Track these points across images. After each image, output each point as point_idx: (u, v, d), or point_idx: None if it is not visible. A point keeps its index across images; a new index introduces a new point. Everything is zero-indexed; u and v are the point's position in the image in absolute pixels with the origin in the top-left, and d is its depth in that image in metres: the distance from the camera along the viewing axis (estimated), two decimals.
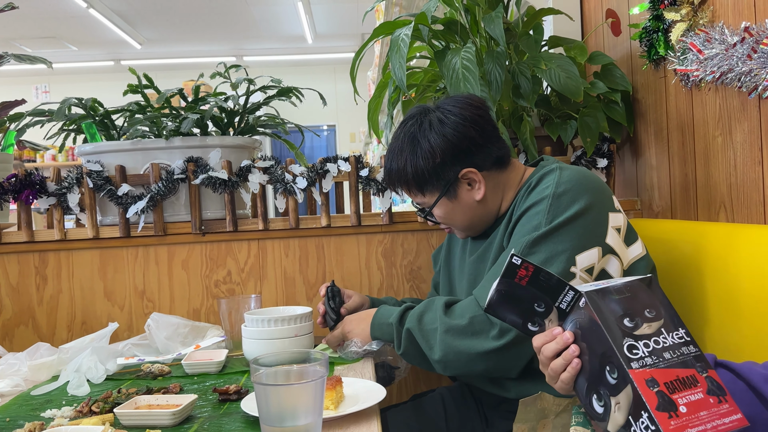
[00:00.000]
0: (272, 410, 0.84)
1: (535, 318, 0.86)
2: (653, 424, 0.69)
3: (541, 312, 0.85)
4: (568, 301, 0.83)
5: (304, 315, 1.35)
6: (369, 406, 1.03)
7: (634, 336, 0.76)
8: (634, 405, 0.72)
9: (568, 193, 1.16)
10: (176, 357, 1.41)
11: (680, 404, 0.71)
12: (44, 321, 1.75)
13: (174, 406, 1.03)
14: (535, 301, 0.85)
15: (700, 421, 0.70)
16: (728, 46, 1.22)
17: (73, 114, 1.75)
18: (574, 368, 0.82)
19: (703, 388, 0.72)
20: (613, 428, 0.75)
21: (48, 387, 1.26)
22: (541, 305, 0.85)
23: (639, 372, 0.73)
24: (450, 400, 1.41)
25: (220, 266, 1.77)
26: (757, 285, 1.10)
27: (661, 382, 0.72)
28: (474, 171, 1.24)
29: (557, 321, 0.84)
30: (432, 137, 1.23)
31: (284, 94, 1.85)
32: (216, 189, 1.70)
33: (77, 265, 1.75)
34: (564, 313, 0.84)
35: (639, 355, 0.74)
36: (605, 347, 0.76)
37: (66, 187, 1.70)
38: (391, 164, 1.29)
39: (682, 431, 0.69)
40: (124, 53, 8.68)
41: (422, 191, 1.28)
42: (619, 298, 0.79)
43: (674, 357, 0.75)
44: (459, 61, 1.45)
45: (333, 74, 9.26)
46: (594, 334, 0.78)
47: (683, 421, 0.69)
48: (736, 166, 1.32)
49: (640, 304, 0.79)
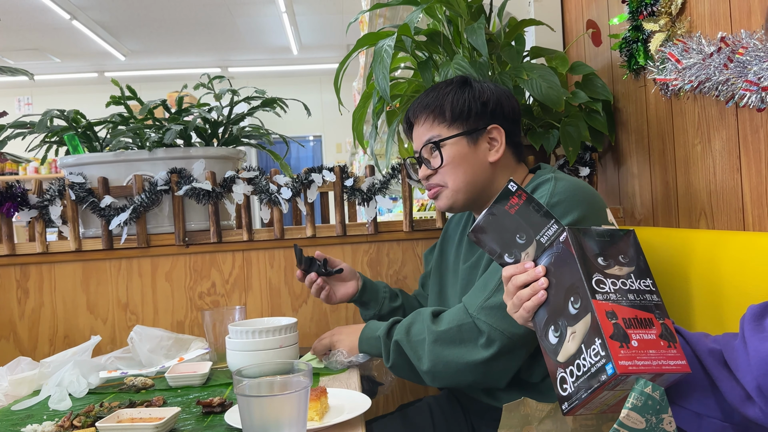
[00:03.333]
0: (255, 422, 0.83)
1: (513, 249, 0.89)
2: (604, 349, 0.74)
3: (521, 244, 0.89)
4: (549, 235, 0.86)
5: (288, 326, 1.34)
6: (354, 417, 1.02)
7: (604, 273, 0.80)
8: (589, 333, 0.76)
9: (562, 204, 1.16)
10: (160, 370, 1.40)
11: (633, 338, 0.75)
12: (26, 335, 1.72)
13: (157, 419, 1.02)
14: (518, 232, 0.88)
15: (648, 357, 0.74)
16: (705, 56, 1.24)
17: (55, 126, 1.74)
18: (539, 299, 0.86)
19: (657, 331, 0.77)
20: (563, 358, 0.80)
21: (29, 402, 1.24)
22: (523, 237, 0.88)
23: (601, 303, 0.77)
24: (437, 410, 1.41)
25: (204, 278, 1.76)
26: (741, 291, 1.11)
27: (619, 317, 0.76)
28: (501, 132, 1.27)
29: (533, 255, 0.88)
30: (486, 85, 1.30)
31: (268, 105, 1.85)
32: (200, 200, 1.69)
33: (59, 278, 1.73)
34: (542, 247, 0.87)
35: (605, 289, 0.78)
36: (575, 278, 0.80)
37: (48, 199, 1.68)
38: (430, 92, 1.31)
39: (629, 360, 0.73)
40: (108, 65, 8.64)
41: (450, 123, 1.27)
42: (598, 239, 0.83)
43: (637, 299, 0.79)
44: (452, 70, 1.46)
45: (319, 85, 9.28)
46: (567, 266, 0.82)
47: (632, 353, 0.74)
48: (715, 174, 1.34)
49: (617, 250, 0.83)
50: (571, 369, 0.79)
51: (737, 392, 0.77)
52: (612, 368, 0.72)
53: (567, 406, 0.79)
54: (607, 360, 0.73)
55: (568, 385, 0.79)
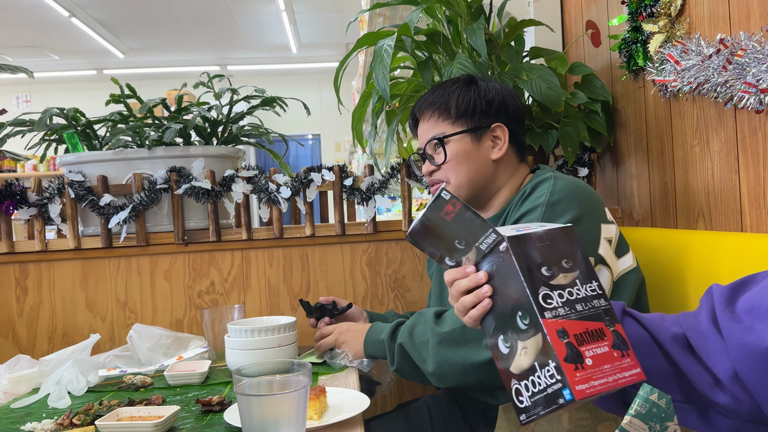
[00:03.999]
0: (255, 421, 0.83)
1: (453, 254, 0.87)
2: (559, 373, 0.71)
3: (460, 249, 0.86)
4: (489, 243, 0.83)
5: (287, 325, 1.34)
6: (353, 416, 1.02)
7: (549, 285, 0.77)
8: (542, 353, 0.73)
9: (562, 203, 1.17)
10: (159, 368, 1.40)
11: (587, 356, 0.72)
12: (24, 333, 1.73)
13: (156, 418, 1.02)
14: (457, 238, 0.86)
15: (603, 374, 0.72)
16: (704, 58, 1.25)
17: (54, 124, 1.74)
18: (484, 307, 0.83)
19: (609, 341, 0.75)
20: (516, 370, 0.77)
21: (28, 400, 1.24)
22: (462, 243, 0.86)
23: (552, 322, 0.74)
24: (435, 409, 1.41)
25: (203, 276, 1.76)
26: None
27: (571, 334, 0.74)
28: (505, 130, 1.29)
29: (474, 260, 0.85)
30: (491, 84, 1.31)
31: (268, 104, 1.85)
32: (199, 199, 1.69)
33: (58, 276, 1.73)
34: (482, 253, 0.84)
35: (553, 305, 0.75)
36: (520, 294, 0.77)
37: (47, 197, 1.68)
38: (436, 89, 1.32)
39: (586, 383, 0.70)
40: (106, 62, 8.63)
41: (454, 120, 1.28)
42: (539, 245, 0.80)
43: (585, 309, 0.76)
44: (456, 69, 1.47)
45: (318, 84, 9.27)
46: (510, 279, 0.78)
47: (588, 373, 0.71)
48: (713, 175, 1.35)
49: (559, 254, 0.80)
50: (525, 383, 0.76)
51: (706, 379, 0.77)
52: (569, 394, 0.70)
53: (525, 418, 0.77)
54: (563, 385, 0.71)
55: (524, 398, 0.76)
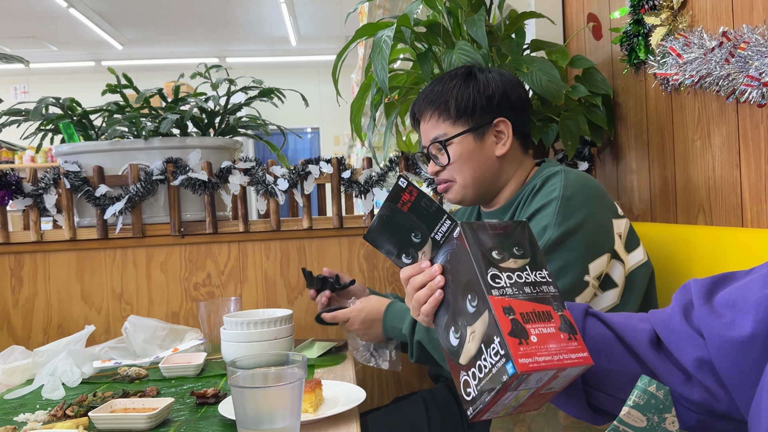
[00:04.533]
0: (249, 413, 0.83)
1: (410, 249, 0.87)
2: (503, 348, 0.71)
3: (416, 243, 0.86)
4: (443, 231, 0.83)
5: (283, 318, 1.34)
6: (348, 409, 1.02)
7: (499, 267, 0.77)
8: (487, 332, 0.73)
9: (576, 197, 1.15)
10: (154, 360, 1.39)
11: (532, 333, 0.72)
12: (19, 324, 1.72)
13: (150, 410, 1.01)
14: (413, 230, 0.86)
15: (548, 352, 0.71)
16: (706, 51, 1.23)
17: (50, 114, 1.73)
18: (435, 299, 0.82)
19: (556, 324, 0.74)
20: (464, 360, 0.76)
21: (22, 391, 1.24)
22: (418, 235, 0.86)
23: (498, 299, 0.74)
24: (432, 403, 1.41)
25: (199, 268, 1.75)
26: None
27: (517, 312, 0.73)
28: (508, 124, 1.25)
29: (430, 254, 0.85)
30: (491, 76, 1.26)
31: (265, 95, 1.84)
32: (196, 190, 1.68)
33: (54, 267, 1.72)
34: (438, 244, 0.84)
35: (501, 284, 0.75)
36: (470, 275, 0.77)
37: (43, 187, 1.67)
38: (434, 86, 1.28)
39: (529, 357, 0.70)
40: (105, 54, 8.59)
41: (454, 120, 1.25)
42: (492, 233, 0.80)
43: (534, 292, 0.77)
44: (456, 56, 1.45)
45: (317, 76, 9.23)
46: (462, 263, 0.79)
47: (532, 349, 0.71)
48: (714, 170, 1.33)
49: (511, 242, 0.80)
50: (473, 371, 0.75)
51: (677, 376, 0.76)
52: (512, 368, 0.69)
53: (472, 412, 0.75)
54: (506, 359, 0.70)
55: (471, 389, 0.75)
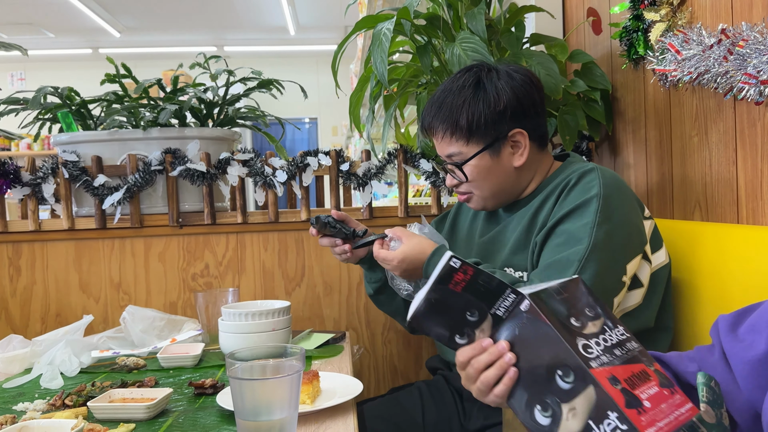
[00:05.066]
0: (247, 405, 0.83)
1: (465, 329, 0.78)
2: (624, 423, 0.65)
3: (472, 321, 0.78)
4: (506, 306, 0.76)
5: (281, 309, 1.34)
6: (345, 401, 1.03)
7: (584, 335, 0.72)
8: (596, 407, 0.67)
9: (614, 196, 1.13)
10: (152, 350, 1.40)
11: (643, 399, 0.68)
12: (17, 313, 1.72)
13: (149, 400, 1.02)
14: (468, 309, 0.77)
15: (663, 413, 0.67)
16: (705, 48, 1.24)
17: (48, 103, 1.72)
18: (511, 378, 0.75)
19: (656, 381, 0.71)
20: None
21: (20, 380, 1.24)
22: (474, 314, 0.77)
23: (600, 371, 0.68)
24: (427, 394, 1.41)
25: (197, 259, 1.76)
26: (735, 284, 1.12)
27: (621, 379, 0.69)
28: (524, 134, 1.21)
29: (489, 331, 0.78)
30: (500, 85, 1.20)
31: (265, 86, 1.84)
32: (194, 181, 1.68)
33: (52, 257, 1.73)
34: (499, 320, 0.77)
35: (594, 354, 0.70)
36: (557, 350, 0.70)
37: (41, 177, 1.67)
38: (442, 103, 1.22)
39: (653, 426, 0.66)
40: (102, 41, 8.53)
41: (467, 139, 1.20)
42: (560, 298, 0.75)
43: (624, 353, 0.72)
44: (460, 49, 1.44)
45: (315, 66, 9.20)
46: (541, 338, 0.72)
47: (651, 415, 0.67)
48: (711, 166, 1.34)
49: (580, 304, 0.75)
50: None
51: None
52: None
53: None
54: None
55: None
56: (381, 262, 1.29)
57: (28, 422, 0.86)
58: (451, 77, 1.26)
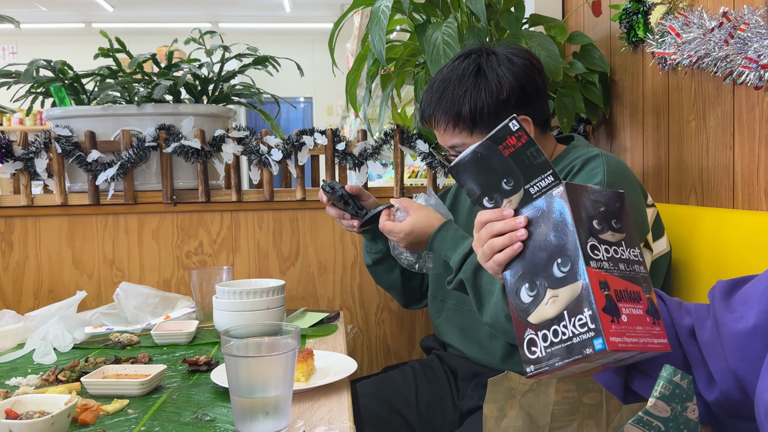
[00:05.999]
0: (242, 382, 0.84)
1: (495, 194, 0.81)
2: (594, 322, 0.69)
3: (505, 190, 0.80)
4: (542, 186, 0.78)
5: (276, 288, 1.34)
6: (340, 379, 1.03)
7: (598, 238, 0.74)
8: (576, 301, 0.71)
9: (619, 183, 1.11)
10: (145, 327, 1.40)
11: (623, 313, 0.71)
12: (10, 288, 1.71)
13: (142, 376, 1.02)
14: (506, 176, 0.79)
15: (636, 334, 0.71)
16: (706, 31, 1.23)
17: (41, 76, 1.70)
18: (513, 250, 0.78)
19: (644, 306, 0.73)
20: (536, 320, 0.75)
21: (13, 355, 1.24)
22: (510, 182, 0.80)
23: (595, 272, 0.72)
24: (421, 373, 1.42)
25: (191, 237, 1.75)
26: (742, 270, 1.12)
27: (611, 288, 0.72)
28: (528, 120, 1.18)
29: (516, 204, 0.80)
30: (501, 72, 1.16)
31: (260, 63, 1.82)
32: (188, 158, 1.67)
33: (44, 232, 1.71)
34: (530, 197, 0.79)
35: (599, 257, 0.73)
36: (566, 239, 0.74)
37: (33, 151, 1.65)
38: (443, 94, 1.18)
39: (619, 336, 0.69)
40: (95, 15, 8.42)
41: (471, 130, 1.17)
42: (594, 199, 0.77)
43: (627, 270, 0.75)
44: (440, 36, 1.43)
45: (311, 45, 9.12)
46: (557, 224, 0.75)
47: (622, 328, 0.70)
48: (707, 150, 1.34)
49: (609, 213, 0.77)
50: (544, 333, 0.74)
51: (703, 376, 0.77)
52: (602, 344, 0.68)
53: (533, 370, 0.75)
54: (596, 334, 0.69)
55: (538, 349, 0.74)
56: (387, 233, 1.28)
57: (21, 397, 0.86)
58: (449, 64, 1.23)
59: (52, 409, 0.82)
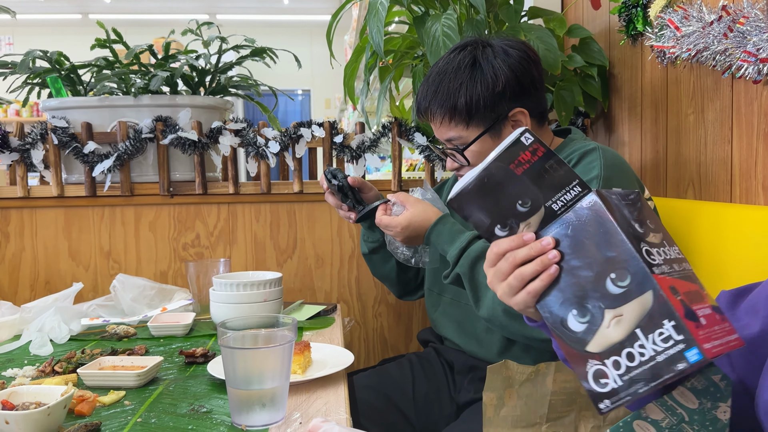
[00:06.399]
0: (239, 374, 0.83)
1: (509, 220, 0.70)
2: (681, 332, 0.60)
3: (521, 212, 0.70)
4: (567, 199, 0.68)
5: (273, 280, 1.34)
6: (336, 371, 1.03)
7: (648, 242, 0.65)
8: (650, 315, 0.62)
9: (615, 178, 1.11)
10: (142, 319, 1.40)
11: (699, 315, 0.62)
12: (6, 279, 1.71)
13: (139, 368, 1.02)
14: (522, 197, 0.69)
15: (716, 335, 0.62)
16: (705, 24, 1.22)
17: (37, 67, 1.69)
18: (551, 275, 0.68)
19: (708, 304, 0.65)
20: (598, 348, 0.65)
21: (10, 346, 1.24)
22: (527, 203, 0.69)
23: (662, 278, 0.62)
24: (418, 366, 1.42)
25: (188, 229, 1.75)
26: (732, 264, 1.12)
27: (680, 292, 0.63)
28: (524, 112, 1.17)
29: (536, 226, 0.70)
30: (497, 64, 1.16)
31: (258, 55, 1.81)
32: (185, 150, 1.66)
33: (41, 224, 1.71)
34: (552, 215, 0.69)
35: (657, 261, 0.64)
36: (617, 251, 0.64)
37: (30, 143, 1.65)
38: (439, 86, 1.17)
39: (710, 342, 0.61)
40: (92, 6, 8.37)
41: (467, 123, 1.17)
42: (626, 202, 0.68)
43: (680, 270, 0.66)
44: (440, 28, 1.42)
45: (309, 37, 9.08)
46: (599, 237, 0.66)
47: (707, 332, 0.61)
48: (706, 144, 1.34)
49: (642, 214, 0.69)
50: (615, 360, 0.64)
51: None
52: (698, 354, 0.59)
53: (609, 405, 0.65)
54: (687, 345, 0.60)
55: (610, 380, 0.64)
56: (384, 228, 1.27)
57: (17, 388, 0.85)
58: (445, 56, 1.22)
59: (48, 400, 0.82)
